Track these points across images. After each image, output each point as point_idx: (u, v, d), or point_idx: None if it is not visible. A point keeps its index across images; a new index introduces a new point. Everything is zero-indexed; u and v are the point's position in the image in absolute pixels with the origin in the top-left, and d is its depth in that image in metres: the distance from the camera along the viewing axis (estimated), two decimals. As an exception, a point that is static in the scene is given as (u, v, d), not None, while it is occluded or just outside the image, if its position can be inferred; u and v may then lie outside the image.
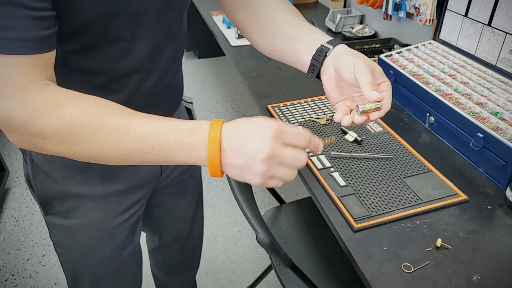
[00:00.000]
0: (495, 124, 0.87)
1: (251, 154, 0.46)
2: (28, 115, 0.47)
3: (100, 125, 0.47)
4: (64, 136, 0.48)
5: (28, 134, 0.48)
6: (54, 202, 0.71)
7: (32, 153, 0.68)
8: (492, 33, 1.04)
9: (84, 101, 0.48)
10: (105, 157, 0.49)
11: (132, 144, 0.47)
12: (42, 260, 1.61)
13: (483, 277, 0.66)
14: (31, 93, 0.47)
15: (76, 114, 0.47)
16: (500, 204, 0.80)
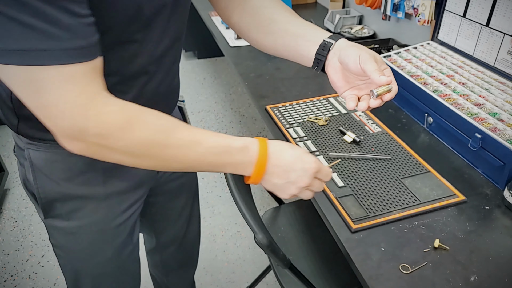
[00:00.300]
0: (493, 124, 0.87)
1: (292, 181, 0.59)
2: (101, 127, 0.50)
3: (167, 142, 0.53)
4: (134, 150, 0.53)
5: (96, 145, 0.52)
6: (56, 204, 0.71)
7: (31, 156, 0.68)
8: (490, 34, 1.04)
9: (150, 116, 0.53)
10: (166, 168, 0.57)
11: (193, 159, 0.55)
12: (41, 261, 1.61)
13: (481, 278, 0.66)
14: (101, 105, 0.50)
15: (147, 130, 0.52)
16: (498, 205, 0.81)
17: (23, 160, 0.70)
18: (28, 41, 0.44)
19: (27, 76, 0.46)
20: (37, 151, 0.67)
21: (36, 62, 0.45)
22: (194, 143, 0.55)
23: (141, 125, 0.52)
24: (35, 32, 0.44)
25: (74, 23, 0.47)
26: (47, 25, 0.44)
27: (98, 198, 0.72)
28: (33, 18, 0.43)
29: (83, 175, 0.70)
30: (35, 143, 0.67)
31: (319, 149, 0.95)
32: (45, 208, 0.71)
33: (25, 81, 0.47)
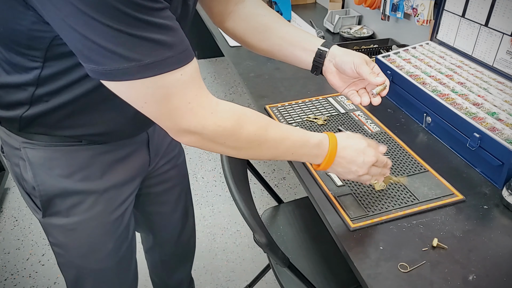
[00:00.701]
0: (492, 124, 0.88)
1: (353, 170, 0.71)
2: (219, 124, 0.57)
3: (265, 137, 0.62)
4: (239, 144, 0.61)
5: (209, 140, 0.58)
6: (56, 200, 0.72)
7: (29, 154, 0.68)
8: (489, 34, 1.05)
9: (252, 115, 0.62)
10: (258, 157, 0.65)
11: (282, 151, 0.66)
12: (41, 260, 1.61)
13: (479, 277, 0.66)
14: (215, 104, 0.57)
15: (252, 128, 0.61)
16: (497, 204, 0.81)
17: (17, 159, 0.70)
18: (156, 53, 0.49)
19: (157, 85, 0.50)
20: (35, 149, 0.68)
21: (166, 70, 0.50)
22: (284, 138, 0.64)
23: (248, 123, 0.60)
24: (159, 44, 0.49)
25: (176, 27, 0.52)
26: (164, 35, 0.49)
27: (96, 192, 0.74)
28: (154, 33, 0.48)
29: (82, 171, 0.71)
30: (33, 141, 0.67)
31: (318, 148, 0.96)
32: (44, 206, 0.72)
33: (154, 91, 0.51)
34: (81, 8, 0.44)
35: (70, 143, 0.69)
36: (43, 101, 0.63)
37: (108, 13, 0.44)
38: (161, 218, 1.02)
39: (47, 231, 0.77)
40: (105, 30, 0.45)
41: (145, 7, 0.46)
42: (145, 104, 0.53)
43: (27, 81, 0.61)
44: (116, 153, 0.74)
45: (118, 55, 0.47)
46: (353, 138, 0.71)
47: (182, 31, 0.53)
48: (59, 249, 0.79)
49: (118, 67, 0.48)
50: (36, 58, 0.58)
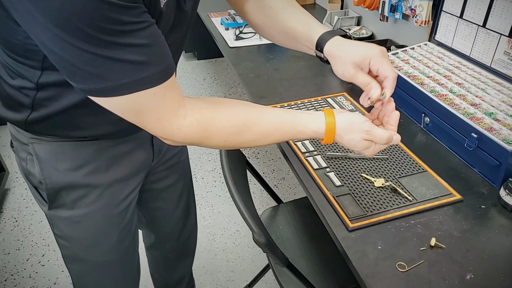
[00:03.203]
0: (489, 124, 0.88)
1: (349, 146, 0.69)
2: (185, 137, 0.60)
3: (240, 140, 0.64)
4: (216, 147, 0.64)
5: (186, 143, 0.62)
6: (62, 193, 0.74)
7: (36, 149, 0.70)
8: (487, 35, 1.05)
9: (222, 122, 0.62)
10: (254, 146, 0.67)
11: (279, 137, 0.67)
12: (41, 260, 1.61)
13: (476, 276, 0.67)
14: (182, 119, 0.58)
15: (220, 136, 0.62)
16: (494, 204, 0.81)
17: (25, 154, 0.72)
18: (132, 73, 0.51)
19: (131, 102, 0.54)
20: (42, 144, 0.70)
21: (140, 89, 0.52)
22: (264, 137, 0.65)
23: (216, 134, 0.61)
24: (135, 64, 0.51)
25: (157, 43, 0.53)
26: (141, 56, 0.51)
27: (102, 186, 0.76)
28: (130, 54, 0.50)
29: (88, 164, 0.73)
30: (41, 137, 0.69)
31: (316, 148, 0.96)
32: (50, 199, 0.74)
33: (129, 106, 0.55)
34: (59, 34, 0.46)
35: (76, 139, 0.71)
36: (44, 105, 0.65)
37: (84, 38, 0.46)
38: (164, 214, 1.03)
39: (53, 223, 0.79)
40: (82, 54, 0.48)
41: (121, 32, 0.48)
42: (122, 114, 0.57)
43: (28, 86, 0.63)
44: (121, 148, 0.76)
45: (95, 76, 0.50)
46: (350, 122, 0.68)
47: (164, 46, 0.55)
48: (64, 241, 0.80)
49: (96, 86, 0.51)
50: (34, 67, 0.60)
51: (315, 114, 0.68)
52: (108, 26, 0.46)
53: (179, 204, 1.03)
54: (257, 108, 0.66)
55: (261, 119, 0.65)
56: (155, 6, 0.53)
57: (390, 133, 0.69)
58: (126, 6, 0.47)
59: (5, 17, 0.52)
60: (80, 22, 0.45)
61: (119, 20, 0.47)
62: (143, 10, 0.50)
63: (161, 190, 0.97)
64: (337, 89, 1.24)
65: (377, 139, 0.68)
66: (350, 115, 0.69)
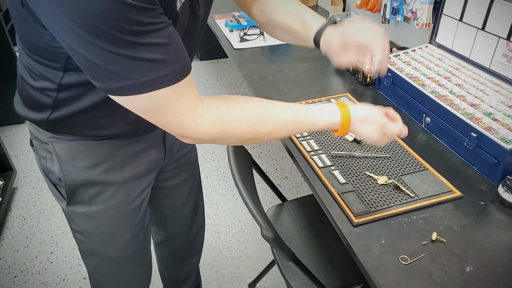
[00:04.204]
0: (488, 124, 0.92)
1: (362, 137, 0.72)
2: (202, 134, 0.62)
3: (256, 133, 0.66)
4: (234, 142, 0.67)
5: (204, 141, 0.64)
6: (80, 190, 0.77)
7: (56, 148, 0.74)
8: (485, 37, 1.08)
9: (239, 118, 0.64)
10: (269, 138, 0.69)
11: (294, 129, 0.69)
12: (50, 257, 1.65)
13: (475, 269, 0.70)
14: (199, 116, 0.60)
15: (238, 132, 0.64)
16: (493, 200, 0.85)
17: (45, 153, 0.76)
18: (151, 71, 0.53)
19: (151, 100, 0.56)
20: (61, 143, 0.73)
21: (159, 87, 0.55)
22: (279, 129, 0.67)
23: (233, 128, 0.64)
24: (154, 63, 0.53)
25: (174, 42, 0.55)
26: (159, 54, 0.53)
27: (116, 183, 0.79)
28: (149, 53, 0.52)
29: (104, 163, 0.76)
30: (60, 136, 0.73)
31: (321, 147, 1.00)
32: (69, 195, 0.77)
33: (149, 104, 0.57)
34: (83, 35, 0.49)
35: (93, 138, 0.74)
36: (65, 105, 0.68)
37: (106, 38, 0.49)
38: (173, 212, 1.06)
39: (71, 218, 0.82)
40: (104, 53, 0.51)
41: (140, 32, 0.51)
42: (142, 113, 0.59)
43: (50, 87, 0.66)
44: (135, 147, 0.79)
45: (116, 75, 0.53)
46: (365, 116, 0.70)
47: (181, 45, 0.57)
48: (81, 236, 0.84)
49: (117, 85, 0.54)
50: (57, 68, 0.63)
51: (329, 106, 0.70)
52: (128, 26, 0.49)
53: (188, 202, 1.07)
54: (271, 102, 0.68)
55: (275, 112, 0.67)
56: (172, 9, 0.57)
57: (401, 128, 0.72)
58: (145, 8, 0.50)
59: (32, 21, 0.56)
60: (102, 23, 0.48)
61: (138, 21, 0.50)
62: (160, 11, 0.53)
63: (171, 188, 1.00)
64: (340, 90, 1.28)
65: (389, 133, 0.71)
66: (366, 106, 0.71)
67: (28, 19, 0.56)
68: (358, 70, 1.29)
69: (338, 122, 0.69)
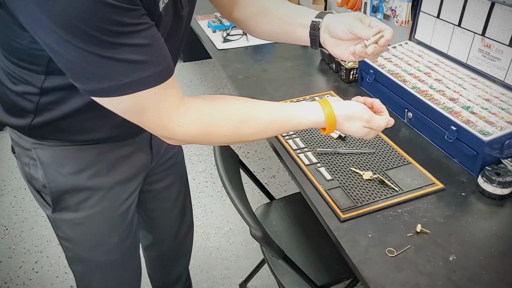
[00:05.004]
0: (467, 117, 0.94)
1: (350, 133, 0.71)
2: (185, 135, 0.61)
3: (240, 134, 0.65)
4: (218, 142, 0.66)
5: (187, 142, 0.63)
6: (65, 196, 0.76)
7: (39, 154, 0.72)
8: (462, 33, 1.12)
9: (222, 118, 0.64)
10: (254, 139, 0.68)
11: (278, 129, 0.68)
12: (35, 267, 1.61)
13: (458, 257, 0.72)
14: (182, 117, 0.60)
15: (221, 133, 0.63)
16: (473, 191, 0.87)
17: (28, 159, 0.74)
18: (134, 73, 0.53)
19: (134, 101, 0.56)
20: (45, 149, 0.72)
21: (142, 88, 0.54)
22: (263, 129, 0.67)
23: (216, 128, 0.63)
24: (136, 64, 0.53)
25: (156, 43, 0.55)
26: (142, 55, 0.53)
27: (103, 188, 0.78)
28: (131, 54, 0.52)
29: (90, 168, 0.75)
30: (43, 142, 0.71)
31: (307, 145, 1.01)
32: (54, 202, 0.76)
33: (132, 106, 0.57)
34: (63, 36, 0.49)
35: (79, 143, 0.73)
36: (48, 110, 0.66)
37: (87, 39, 0.49)
38: (161, 215, 1.05)
39: (56, 225, 0.81)
40: (85, 54, 0.50)
41: (122, 32, 0.50)
42: (125, 114, 0.59)
43: (31, 91, 0.65)
44: (121, 151, 0.78)
45: (98, 76, 0.52)
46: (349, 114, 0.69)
47: (164, 46, 0.57)
48: (68, 243, 0.82)
49: (99, 86, 0.53)
50: (38, 71, 0.62)
51: (313, 105, 0.69)
52: (110, 27, 0.49)
53: (176, 205, 1.06)
54: (255, 102, 0.68)
55: (259, 112, 0.66)
56: (154, 10, 0.56)
57: (386, 120, 0.72)
58: (126, 8, 0.49)
59: (11, 22, 0.54)
60: (82, 23, 0.47)
61: (120, 21, 0.49)
62: (142, 12, 0.53)
63: (159, 191, 1.00)
64: (324, 87, 1.29)
65: (376, 126, 0.71)
66: (349, 103, 0.70)
67: (6, 20, 0.55)
68: (341, 68, 1.31)
69: (323, 121, 0.68)
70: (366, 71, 1.21)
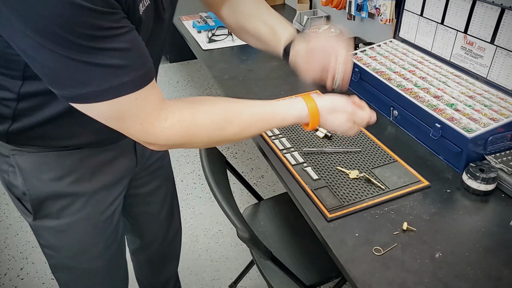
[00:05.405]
0: (451, 114, 0.95)
1: (333, 128, 0.72)
2: (168, 140, 0.60)
3: (223, 135, 0.64)
4: (200, 146, 0.66)
5: (169, 147, 0.63)
6: (47, 203, 0.74)
7: (18, 161, 0.70)
8: (445, 31, 1.13)
9: (203, 119, 0.62)
10: (238, 139, 0.67)
11: (261, 127, 0.68)
12: (20, 274, 1.58)
13: (444, 254, 0.73)
14: (163, 121, 0.59)
15: (204, 134, 0.62)
16: (458, 188, 0.88)
17: (7, 166, 0.72)
18: (113, 78, 0.51)
19: (114, 107, 0.54)
20: (24, 155, 0.70)
21: (121, 94, 0.53)
22: (247, 128, 0.66)
23: (198, 132, 0.62)
24: (116, 69, 0.51)
25: (136, 47, 0.54)
26: (121, 60, 0.51)
27: (86, 194, 0.76)
28: (111, 59, 0.50)
29: (72, 174, 0.73)
30: (22, 148, 0.69)
31: (293, 145, 1.00)
32: (35, 209, 0.74)
33: (112, 112, 0.55)
34: (39, 41, 0.47)
35: (59, 149, 0.71)
36: (26, 115, 0.65)
37: (63, 44, 0.47)
38: (148, 218, 1.04)
39: (38, 233, 0.79)
40: (62, 60, 0.48)
41: (100, 37, 0.49)
42: (105, 121, 0.57)
43: (8, 97, 0.63)
44: (104, 156, 0.76)
45: (76, 82, 0.51)
46: (333, 107, 0.70)
47: (144, 50, 0.56)
48: (50, 251, 0.80)
49: (78, 92, 0.52)
50: (15, 77, 0.60)
51: (295, 100, 0.69)
52: (87, 31, 0.47)
53: (163, 208, 1.05)
54: (237, 102, 0.67)
55: (241, 111, 0.65)
56: (134, 13, 0.55)
57: (369, 113, 0.73)
58: (104, 12, 0.48)
59: None
60: (58, 28, 0.46)
61: (98, 25, 0.48)
62: (122, 16, 0.51)
63: (145, 195, 0.98)
64: (310, 87, 1.29)
65: (359, 121, 0.71)
66: (332, 96, 0.70)
67: None
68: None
69: (306, 115, 0.68)
70: (352, 70, 1.21)
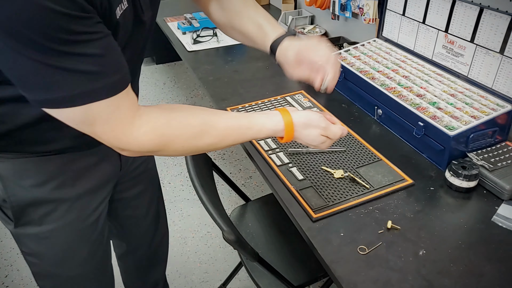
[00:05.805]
0: (433, 113, 0.96)
1: (307, 142, 0.73)
2: (141, 147, 0.59)
3: (198, 145, 0.64)
4: (174, 155, 0.65)
5: (143, 153, 0.62)
6: (29, 209, 0.72)
7: None
8: (426, 30, 1.14)
9: (178, 128, 0.62)
10: (213, 149, 0.67)
11: (236, 138, 0.68)
12: (5, 281, 1.54)
13: (428, 251, 0.73)
14: (137, 128, 0.58)
15: (178, 141, 0.62)
16: (441, 185, 0.89)
17: None
18: (84, 84, 0.51)
19: (85, 113, 0.53)
20: (4, 162, 0.68)
21: (93, 100, 0.52)
22: (222, 139, 0.66)
23: (173, 142, 0.62)
24: (88, 75, 0.50)
25: (111, 53, 0.53)
26: (94, 66, 0.51)
27: (70, 199, 0.75)
28: (83, 64, 0.49)
29: (54, 179, 0.71)
30: (1, 155, 0.68)
31: (279, 146, 1.00)
32: (16, 216, 0.72)
33: (83, 118, 0.54)
34: (9, 44, 0.46)
35: (40, 154, 0.69)
36: (2, 121, 0.63)
37: (34, 47, 0.46)
38: (134, 222, 1.03)
39: (20, 241, 0.77)
40: (33, 64, 0.47)
41: (73, 41, 0.48)
42: (77, 126, 0.56)
43: None
44: (87, 160, 0.75)
45: (47, 87, 0.50)
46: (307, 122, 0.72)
47: (119, 56, 0.55)
48: (33, 258, 0.78)
49: (49, 97, 0.51)
50: None
51: (271, 113, 0.71)
52: (59, 35, 0.46)
53: (149, 211, 1.04)
54: (213, 112, 0.67)
55: (217, 122, 0.65)
56: (110, 18, 0.54)
57: (341, 128, 0.75)
58: (77, 16, 0.47)
59: None
60: (29, 31, 0.45)
61: (70, 29, 0.47)
62: (96, 20, 0.50)
63: (131, 199, 0.97)
64: (295, 87, 1.29)
65: (331, 135, 0.73)
66: (307, 112, 0.73)
67: None
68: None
69: (282, 129, 0.70)
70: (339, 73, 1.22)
